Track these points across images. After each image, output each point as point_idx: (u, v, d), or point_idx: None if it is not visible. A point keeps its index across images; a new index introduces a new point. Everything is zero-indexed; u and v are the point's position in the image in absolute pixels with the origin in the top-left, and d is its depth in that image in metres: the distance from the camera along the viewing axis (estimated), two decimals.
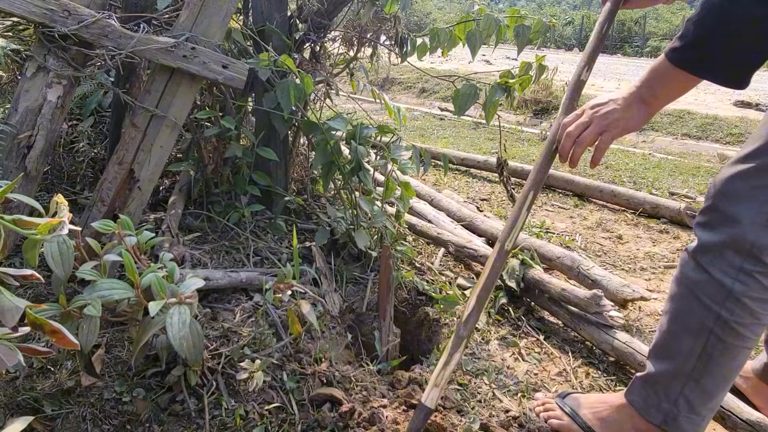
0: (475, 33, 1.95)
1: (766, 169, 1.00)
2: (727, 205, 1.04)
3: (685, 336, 1.11)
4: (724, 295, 1.04)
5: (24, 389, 1.16)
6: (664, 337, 1.16)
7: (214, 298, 1.52)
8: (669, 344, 1.15)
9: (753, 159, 1.02)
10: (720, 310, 1.05)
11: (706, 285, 1.07)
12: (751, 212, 1.01)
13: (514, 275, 1.91)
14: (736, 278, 1.03)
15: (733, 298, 1.04)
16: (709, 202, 1.09)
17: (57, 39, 1.39)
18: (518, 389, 1.48)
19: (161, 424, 1.14)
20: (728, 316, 1.04)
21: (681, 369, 1.11)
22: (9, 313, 0.65)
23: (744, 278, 1.02)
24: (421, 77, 8.72)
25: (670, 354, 1.14)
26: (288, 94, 1.64)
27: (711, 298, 1.06)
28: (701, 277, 1.08)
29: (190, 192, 1.94)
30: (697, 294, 1.09)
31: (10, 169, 1.38)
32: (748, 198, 1.01)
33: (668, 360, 1.15)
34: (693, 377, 1.10)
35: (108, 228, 1.11)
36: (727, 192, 1.05)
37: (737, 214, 1.02)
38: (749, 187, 1.02)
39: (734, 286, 1.03)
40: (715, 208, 1.07)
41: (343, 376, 1.35)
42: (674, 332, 1.14)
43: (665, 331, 1.16)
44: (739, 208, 1.02)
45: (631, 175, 3.79)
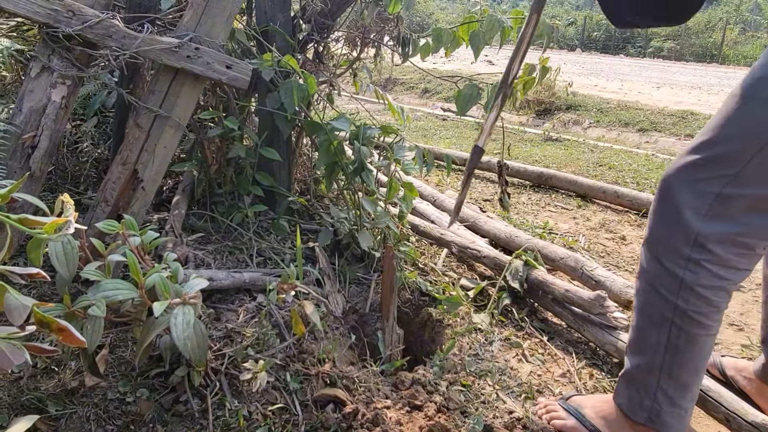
0: (478, 34, 1.95)
1: (710, 162, 1.03)
2: (673, 196, 1.07)
3: (651, 329, 1.13)
4: (677, 285, 1.07)
5: (28, 389, 1.16)
6: (635, 332, 1.19)
7: (218, 298, 1.52)
8: (639, 339, 1.17)
9: (699, 151, 1.05)
10: (676, 300, 1.07)
11: (661, 276, 1.10)
12: (695, 203, 1.04)
13: (517, 276, 1.91)
14: (686, 268, 1.05)
15: (687, 288, 1.06)
16: (658, 193, 1.12)
17: (61, 39, 1.39)
18: (522, 390, 1.48)
19: (165, 425, 1.14)
20: (685, 306, 1.07)
21: (653, 362, 1.14)
22: (16, 311, 0.65)
23: (693, 267, 1.05)
24: (424, 78, 8.72)
25: (642, 349, 1.16)
26: (291, 94, 1.64)
27: (667, 288, 1.08)
28: (656, 269, 1.10)
29: (194, 192, 1.94)
30: (655, 286, 1.11)
31: (14, 169, 1.38)
32: (693, 189, 1.04)
33: (640, 355, 1.17)
34: (665, 370, 1.12)
35: (112, 228, 1.11)
36: (673, 183, 1.08)
37: (681, 205, 1.05)
38: (694, 179, 1.05)
39: (685, 276, 1.06)
40: (665, 199, 1.09)
41: (346, 377, 1.35)
42: (641, 326, 1.16)
43: (634, 326, 1.19)
44: (684, 198, 1.05)
45: (635, 176, 3.78)
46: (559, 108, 6.67)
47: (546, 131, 5.36)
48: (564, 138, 5.25)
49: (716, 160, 1.02)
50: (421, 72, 2.58)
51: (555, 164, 4.08)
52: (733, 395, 1.39)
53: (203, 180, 1.90)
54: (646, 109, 6.34)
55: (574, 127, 6.24)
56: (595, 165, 4.08)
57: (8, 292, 0.66)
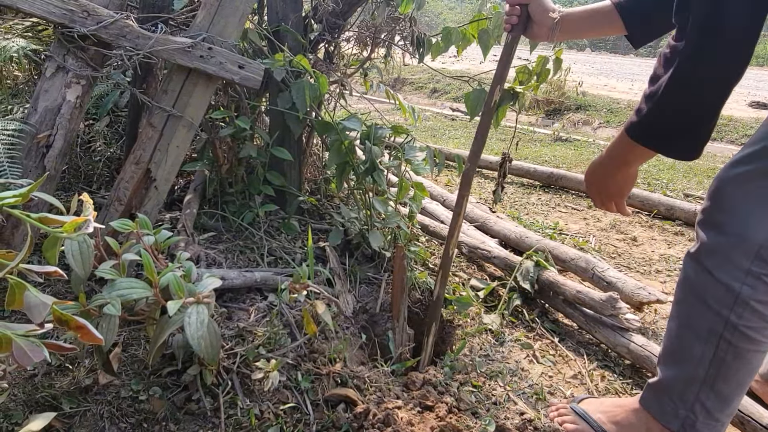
0: (488, 31, 1.94)
1: None
2: (732, 206, 1.02)
3: (695, 341, 1.08)
4: (732, 299, 1.02)
5: (42, 387, 1.17)
6: (674, 343, 1.14)
7: (229, 297, 1.52)
8: (679, 350, 1.13)
9: (756, 160, 1.00)
10: (729, 314, 1.02)
11: (712, 289, 1.04)
12: (759, 213, 0.99)
13: (528, 277, 1.90)
14: (744, 282, 1.00)
15: (742, 302, 1.01)
16: (712, 202, 1.06)
17: (76, 39, 1.40)
18: (533, 392, 1.47)
19: (177, 423, 1.15)
20: (737, 321, 1.02)
21: (694, 375, 1.09)
22: (36, 309, 0.66)
23: (752, 281, 1.00)
24: (433, 77, 8.71)
25: (682, 360, 1.12)
26: (303, 94, 1.64)
27: (719, 302, 1.03)
28: (707, 281, 1.05)
29: (205, 192, 1.95)
30: (704, 298, 1.06)
31: (29, 168, 1.40)
32: (755, 198, 1.00)
33: (680, 366, 1.12)
34: (707, 383, 1.08)
35: (126, 227, 1.12)
36: (730, 194, 1.03)
37: (742, 216, 1.00)
38: (755, 187, 1.00)
39: (742, 290, 1.01)
40: (720, 209, 1.04)
41: (357, 377, 1.35)
42: (683, 337, 1.12)
43: (674, 337, 1.14)
44: (745, 209, 1.00)
45: (646, 177, 3.76)
46: (568, 108, 6.64)
47: (556, 131, 5.33)
48: (574, 138, 5.22)
49: None
50: (429, 72, 2.58)
51: (565, 164, 4.06)
52: (748, 398, 1.37)
53: (215, 179, 1.91)
54: None
55: (583, 127, 6.21)
56: None
57: (28, 290, 0.67)
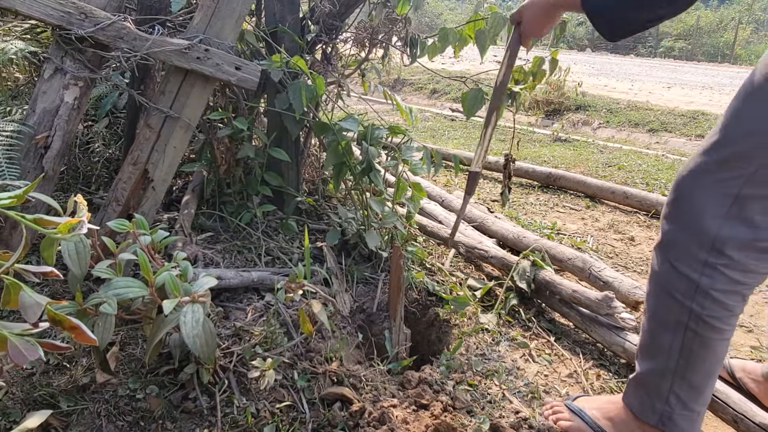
0: (484, 31, 1.95)
1: (725, 162, 1.00)
2: (689, 199, 1.05)
3: (664, 333, 1.12)
4: (693, 290, 1.05)
5: (40, 385, 1.18)
6: (647, 336, 1.17)
7: (226, 297, 1.53)
8: (651, 343, 1.16)
9: (712, 152, 1.02)
10: (691, 304, 1.06)
11: (675, 280, 1.08)
12: (712, 205, 1.01)
13: (525, 276, 1.91)
14: (702, 272, 1.03)
15: (702, 292, 1.04)
16: (672, 195, 1.09)
17: (74, 41, 1.42)
18: (529, 390, 1.48)
19: (174, 421, 1.16)
20: (700, 311, 1.05)
21: (666, 366, 1.12)
22: (31, 309, 0.67)
23: (709, 272, 1.03)
24: (432, 78, 8.71)
25: (654, 352, 1.15)
26: (300, 95, 1.65)
27: (681, 293, 1.07)
28: (670, 273, 1.09)
29: (203, 192, 1.96)
30: (668, 290, 1.09)
31: (27, 169, 1.41)
32: (709, 191, 1.02)
33: (653, 359, 1.15)
34: (678, 373, 1.11)
35: (123, 227, 1.13)
36: (688, 186, 1.06)
37: (698, 208, 1.03)
38: (710, 181, 1.02)
39: (701, 280, 1.04)
40: (678, 203, 1.07)
41: (353, 376, 1.35)
42: (654, 330, 1.15)
43: (646, 330, 1.17)
44: (700, 201, 1.03)
45: (644, 177, 3.76)
46: (568, 108, 6.64)
47: (555, 132, 5.34)
48: (573, 138, 5.22)
49: (731, 161, 0.99)
50: (429, 72, 2.59)
51: (564, 165, 4.07)
52: (742, 397, 1.38)
53: (213, 180, 1.92)
54: (656, 109, 6.30)
55: (583, 127, 6.21)
56: (604, 165, 4.06)
57: (23, 290, 0.68)
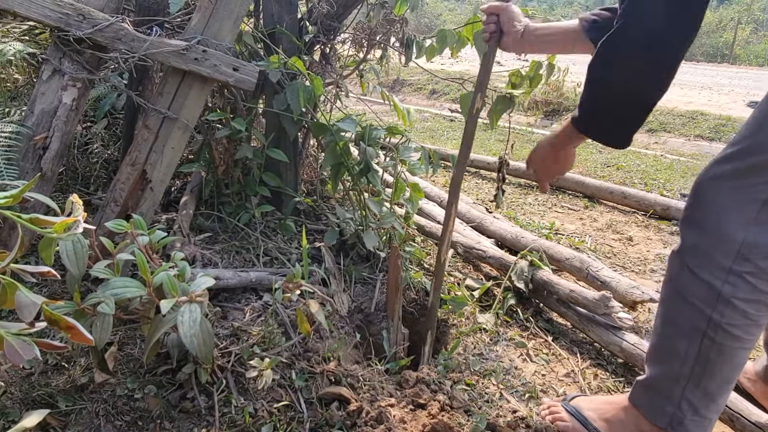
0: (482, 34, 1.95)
1: (750, 170, 0.99)
2: (713, 206, 1.03)
3: (679, 339, 1.09)
4: (714, 298, 1.02)
5: (39, 385, 1.18)
6: (660, 341, 1.15)
7: (225, 297, 1.54)
8: (664, 347, 1.14)
9: (740, 157, 1.01)
10: (711, 312, 1.03)
11: (695, 287, 1.05)
12: (738, 211, 1.00)
13: (522, 276, 1.91)
14: (725, 280, 1.01)
15: (724, 300, 1.01)
16: (693, 201, 1.08)
17: (72, 42, 1.42)
18: (526, 390, 1.49)
19: (172, 421, 1.16)
20: (720, 319, 1.02)
21: (679, 372, 1.10)
22: (26, 308, 0.67)
23: (733, 279, 1.00)
24: (432, 79, 8.72)
25: (667, 357, 1.13)
26: (298, 95, 1.66)
27: (701, 300, 1.04)
28: (689, 280, 1.06)
29: (201, 193, 1.96)
30: (686, 297, 1.07)
31: (26, 170, 1.41)
32: (735, 197, 1.00)
33: (665, 363, 1.13)
34: (693, 380, 1.09)
35: (121, 228, 1.13)
36: (711, 193, 1.04)
37: (723, 214, 1.01)
38: (734, 188, 1.00)
39: (723, 288, 1.01)
40: (701, 208, 1.06)
41: (351, 376, 1.36)
42: (668, 335, 1.13)
43: (660, 335, 1.15)
44: (726, 207, 1.01)
45: (642, 177, 3.77)
46: (567, 109, 6.64)
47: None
48: None
49: (758, 167, 0.97)
50: (428, 73, 2.59)
51: None
52: (737, 395, 1.38)
53: (211, 180, 1.92)
54: (655, 109, 6.30)
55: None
56: (602, 166, 4.07)
57: (19, 289, 0.68)
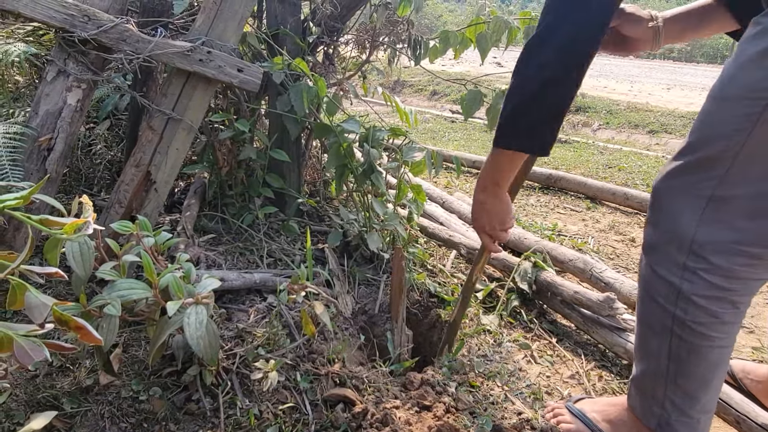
0: (485, 35, 1.95)
1: (696, 164, 0.99)
2: (667, 202, 1.04)
3: (651, 337, 1.10)
4: (674, 295, 1.02)
5: (44, 387, 1.18)
6: (638, 340, 1.16)
7: (229, 299, 1.53)
8: (642, 346, 1.15)
9: (684, 155, 1.01)
10: (674, 310, 1.03)
11: (657, 285, 1.06)
12: (688, 208, 1.00)
13: (526, 278, 1.91)
14: (682, 277, 1.01)
15: (684, 298, 1.01)
16: (651, 199, 1.08)
17: (77, 44, 1.42)
18: (531, 392, 1.48)
19: (177, 423, 1.16)
20: (683, 316, 1.02)
21: (656, 369, 1.10)
22: (37, 309, 0.67)
23: (689, 276, 1.00)
24: (432, 80, 8.73)
25: (645, 355, 1.14)
26: (301, 96, 1.66)
27: (664, 298, 1.04)
28: (652, 277, 1.07)
29: (205, 194, 1.96)
30: (652, 294, 1.07)
31: (31, 171, 1.41)
32: (684, 194, 1.00)
33: (645, 361, 1.14)
34: (670, 378, 1.09)
35: (126, 229, 1.13)
36: (663, 190, 1.04)
37: (674, 211, 1.01)
38: (685, 183, 1.01)
39: (682, 285, 1.01)
40: (657, 206, 1.06)
41: (356, 377, 1.36)
42: (643, 334, 1.13)
43: (637, 334, 1.16)
44: (676, 204, 1.01)
45: (645, 178, 3.77)
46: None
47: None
48: (573, 140, 5.23)
49: (702, 162, 0.98)
50: (429, 74, 2.59)
51: (564, 166, 4.07)
52: (743, 397, 1.38)
53: (214, 182, 1.92)
54: (656, 110, 6.31)
55: (583, 128, 6.22)
56: (604, 167, 4.07)
57: (29, 290, 0.68)
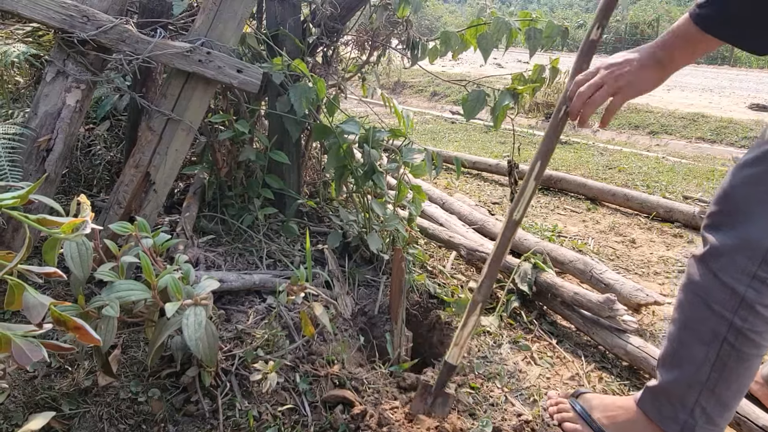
0: (486, 36, 1.95)
1: None
2: (740, 210, 1.02)
3: (697, 345, 1.08)
4: (736, 303, 1.01)
5: (42, 388, 1.18)
6: (675, 346, 1.14)
7: (228, 299, 1.53)
8: (680, 353, 1.13)
9: (762, 163, 1.00)
10: (733, 317, 1.02)
11: (716, 292, 1.04)
12: (765, 217, 0.99)
13: (526, 279, 1.90)
14: (749, 285, 1.00)
15: (746, 306, 1.00)
16: (719, 206, 1.06)
17: (76, 44, 1.42)
18: (530, 393, 1.48)
19: (176, 424, 1.16)
20: (741, 324, 1.02)
21: (695, 378, 1.09)
22: (35, 309, 0.67)
23: (757, 285, 0.99)
24: (433, 81, 8.73)
25: (682, 363, 1.12)
26: (301, 97, 1.65)
27: (723, 305, 1.03)
28: (712, 284, 1.05)
29: (204, 195, 1.96)
30: (707, 301, 1.06)
31: (30, 172, 1.41)
32: (761, 203, 0.99)
33: (680, 369, 1.12)
34: (708, 387, 1.07)
35: (125, 230, 1.13)
36: (738, 195, 1.03)
37: (750, 219, 1.00)
38: (762, 191, 0.99)
39: (747, 293, 1.00)
40: (727, 212, 1.04)
41: (355, 379, 1.35)
42: (685, 341, 1.11)
43: (675, 340, 1.14)
44: (753, 212, 1.00)
45: (645, 179, 3.76)
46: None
47: None
48: (573, 141, 5.23)
49: None
50: (429, 75, 2.59)
51: (564, 167, 4.07)
52: (744, 399, 1.38)
53: (214, 183, 1.92)
54: (656, 111, 6.31)
55: (583, 129, 6.22)
56: (604, 168, 4.07)
57: (27, 290, 0.68)
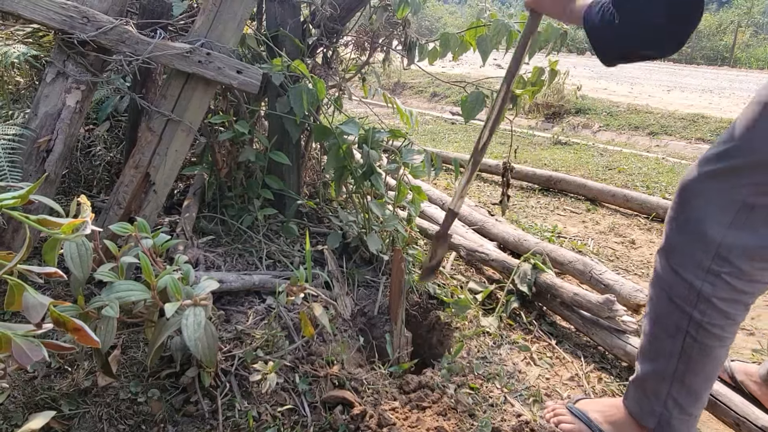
0: (486, 38, 1.95)
1: (734, 171, 0.99)
2: (695, 205, 1.04)
3: (664, 337, 1.12)
4: (694, 297, 1.04)
5: (42, 389, 1.18)
6: (648, 339, 1.17)
7: (227, 300, 1.53)
8: (651, 346, 1.16)
9: (723, 159, 1.01)
10: (692, 311, 1.05)
11: (676, 286, 1.07)
12: (718, 212, 1.00)
13: (525, 279, 1.91)
14: (704, 279, 1.03)
15: (704, 299, 1.03)
16: (677, 200, 1.08)
17: (76, 45, 1.42)
18: (530, 394, 1.48)
19: (175, 425, 1.16)
20: (700, 318, 1.04)
21: (665, 370, 1.12)
22: (34, 309, 0.67)
23: (712, 279, 1.02)
24: (432, 82, 8.73)
25: (654, 356, 1.15)
26: (301, 98, 1.65)
27: (682, 299, 1.06)
28: (672, 278, 1.08)
29: (204, 195, 1.96)
30: (670, 296, 1.09)
31: (30, 173, 1.41)
32: (716, 198, 1.01)
33: (652, 362, 1.16)
34: (677, 378, 1.11)
35: (125, 230, 1.13)
36: (695, 191, 1.05)
37: (704, 214, 1.02)
38: (717, 189, 1.01)
39: (703, 288, 1.03)
40: (685, 207, 1.06)
41: (354, 379, 1.35)
42: (654, 334, 1.15)
43: (647, 334, 1.17)
44: (707, 208, 1.02)
45: (644, 180, 3.76)
46: (568, 111, 6.65)
47: (555, 135, 5.35)
48: (573, 141, 5.23)
49: (743, 169, 0.98)
50: (429, 76, 2.59)
51: (564, 168, 4.07)
52: (743, 399, 1.38)
53: (214, 183, 1.92)
54: (656, 112, 6.31)
55: (583, 130, 6.22)
56: (604, 168, 4.07)
57: (26, 290, 0.68)
